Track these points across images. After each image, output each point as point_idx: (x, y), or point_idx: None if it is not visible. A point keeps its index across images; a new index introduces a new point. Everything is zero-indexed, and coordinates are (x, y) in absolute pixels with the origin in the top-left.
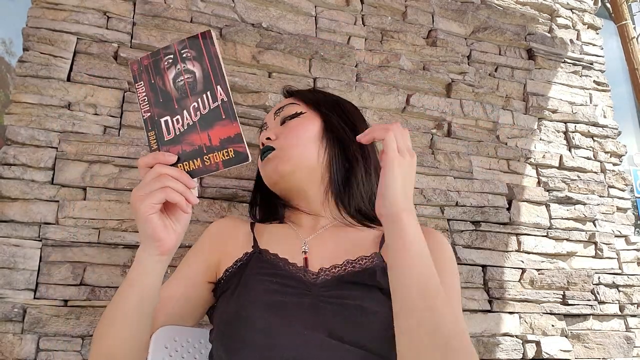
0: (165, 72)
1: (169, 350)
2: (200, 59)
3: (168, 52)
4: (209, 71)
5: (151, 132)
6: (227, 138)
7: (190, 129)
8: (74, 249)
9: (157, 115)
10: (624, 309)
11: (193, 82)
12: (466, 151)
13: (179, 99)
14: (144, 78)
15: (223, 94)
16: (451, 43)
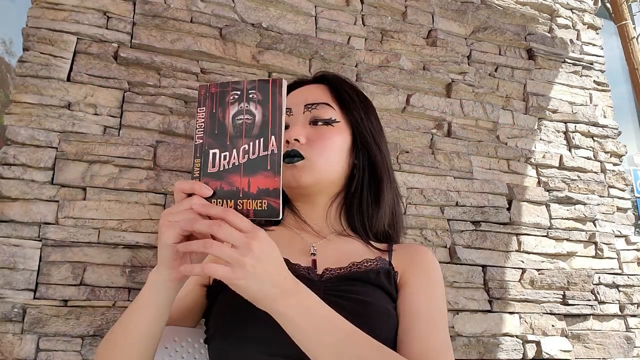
0: (228, 106)
1: (169, 350)
2: (264, 104)
3: (237, 87)
4: (269, 118)
5: (198, 159)
6: (265, 189)
7: (235, 169)
8: (74, 249)
9: (208, 145)
10: (624, 309)
11: (251, 124)
12: (466, 151)
13: (232, 137)
14: (207, 104)
15: (275, 145)
16: (451, 43)
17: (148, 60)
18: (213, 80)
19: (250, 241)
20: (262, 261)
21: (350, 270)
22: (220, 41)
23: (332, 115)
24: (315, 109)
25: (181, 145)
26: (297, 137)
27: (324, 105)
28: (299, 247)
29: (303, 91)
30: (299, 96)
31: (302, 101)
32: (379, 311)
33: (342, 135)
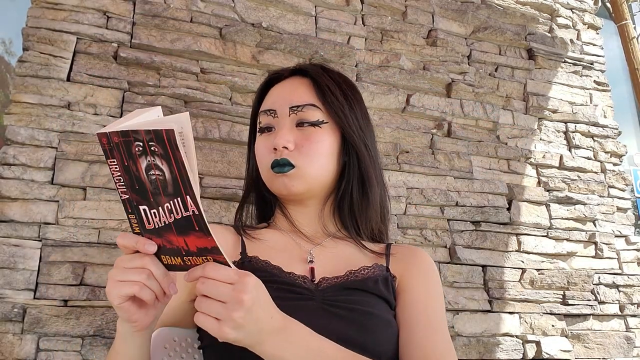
0: (137, 159)
1: (168, 350)
2: (168, 160)
3: (137, 137)
4: (177, 178)
5: (132, 215)
6: (204, 248)
7: (167, 227)
8: (74, 249)
9: (136, 201)
10: (624, 309)
11: (164, 180)
12: (466, 151)
13: (153, 194)
14: (117, 156)
15: (193, 206)
16: (451, 43)
17: (148, 60)
18: (212, 81)
19: (240, 295)
20: (252, 311)
21: (347, 279)
22: (220, 41)
23: (319, 116)
24: (301, 111)
25: None
26: (285, 145)
27: (310, 107)
28: (294, 253)
29: (286, 88)
30: (282, 95)
31: (287, 102)
32: (379, 320)
33: (331, 136)
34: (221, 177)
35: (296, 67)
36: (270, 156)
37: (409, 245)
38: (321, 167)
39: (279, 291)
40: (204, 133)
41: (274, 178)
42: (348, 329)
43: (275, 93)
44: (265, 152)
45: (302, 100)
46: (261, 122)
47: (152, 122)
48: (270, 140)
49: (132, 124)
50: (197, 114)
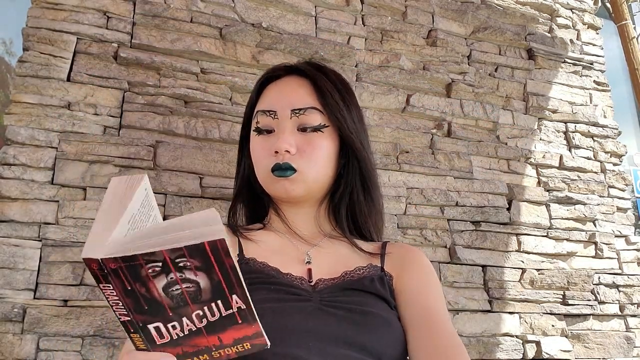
0: (150, 280)
1: None
2: (208, 270)
3: (152, 259)
4: (221, 282)
5: (135, 334)
6: (243, 337)
7: (194, 333)
8: (74, 249)
9: (142, 321)
10: (624, 309)
11: (196, 291)
12: (466, 151)
13: (174, 307)
14: (114, 282)
15: (240, 302)
16: (451, 43)
17: (148, 60)
18: (212, 81)
19: None
20: None
21: (344, 280)
22: (220, 41)
23: (321, 120)
24: (303, 115)
25: (181, 145)
26: (288, 149)
27: (311, 110)
28: (291, 255)
29: (285, 88)
30: (282, 96)
31: (288, 104)
32: (377, 319)
33: (331, 140)
34: (221, 177)
35: (293, 66)
36: (270, 159)
37: (404, 244)
38: (321, 170)
39: (277, 292)
40: (204, 133)
41: (273, 181)
42: (346, 330)
43: (274, 93)
44: (264, 154)
45: (304, 103)
46: (259, 123)
47: (183, 237)
48: (269, 142)
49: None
50: (197, 113)
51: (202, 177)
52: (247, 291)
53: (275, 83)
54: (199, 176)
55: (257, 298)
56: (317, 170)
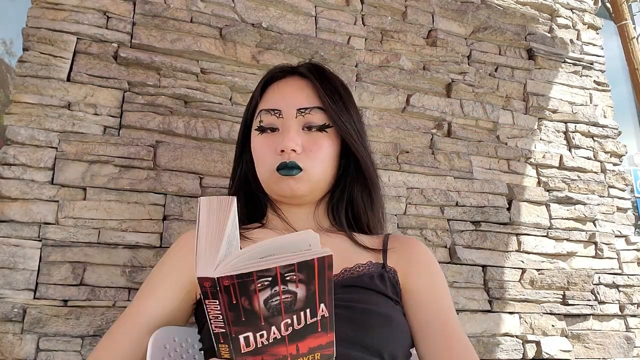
0: (255, 294)
1: (169, 350)
2: (309, 282)
3: (265, 274)
4: (316, 292)
5: (223, 345)
6: (317, 346)
7: (277, 341)
8: (74, 249)
9: (236, 332)
10: (624, 309)
11: (291, 301)
12: (466, 151)
13: (268, 317)
14: (222, 298)
15: (325, 310)
16: (451, 43)
17: (148, 60)
18: (212, 81)
19: None
20: None
21: (343, 277)
22: (220, 41)
23: (325, 120)
24: (308, 114)
25: (181, 145)
26: (294, 148)
27: (316, 110)
28: None
29: (290, 88)
30: (288, 96)
31: (293, 103)
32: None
33: (333, 140)
34: (221, 177)
35: (296, 67)
36: (275, 157)
37: (405, 237)
38: (324, 170)
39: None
40: (204, 133)
41: (279, 179)
42: (347, 328)
43: (278, 92)
44: (269, 153)
45: (309, 102)
46: (263, 121)
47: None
48: (274, 140)
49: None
50: (197, 113)
51: (202, 177)
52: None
53: (279, 83)
54: (199, 176)
55: None
56: (321, 169)
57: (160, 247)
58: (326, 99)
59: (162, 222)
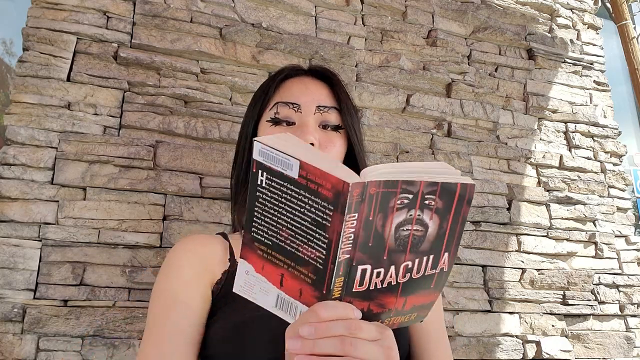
0: (392, 213)
1: None
2: (444, 215)
3: (409, 189)
4: (446, 233)
5: (340, 278)
6: (420, 305)
7: (390, 288)
8: (74, 249)
9: (357, 260)
10: (624, 309)
11: (421, 237)
12: (466, 151)
13: (392, 250)
14: (362, 209)
15: (447, 264)
16: (451, 43)
17: (148, 60)
18: (212, 81)
19: (390, 352)
20: None
21: None
22: (220, 41)
23: (339, 121)
24: (326, 112)
25: (181, 145)
26: (313, 142)
27: (334, 110)
28: None
29: (309, 86)
30: (307, 92)
31: (313, 101)
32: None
33: (343, 142)
34: (221, 177)
35: (310, 69)
36: None
37: None
38: None
39: None
40: (204, 133)
41: None
42: None
43: (297, 88)
44: None
45: (329, 102)
46: (279, 113)
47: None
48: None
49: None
50: (197, 113)
51: (202, 177)
52: (456, 252)
53: (294, 80)
54: (199, 176)
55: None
56: None
57: (160, 247)
58: (340, 102)
59: (162, 222)
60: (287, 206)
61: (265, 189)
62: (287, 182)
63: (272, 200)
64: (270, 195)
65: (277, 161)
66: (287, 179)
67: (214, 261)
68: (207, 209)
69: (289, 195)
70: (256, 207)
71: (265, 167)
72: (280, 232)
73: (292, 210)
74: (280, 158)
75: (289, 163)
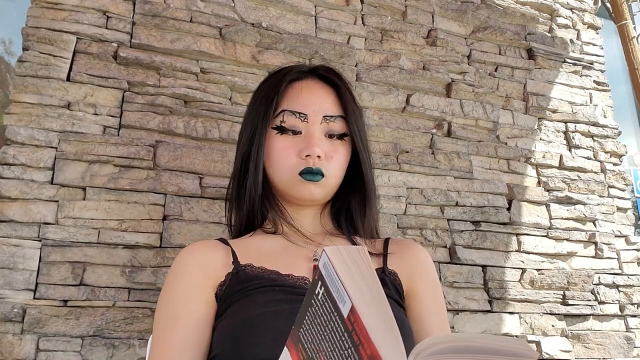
0: None
1: None
2: None
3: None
4: None
5: None
6: None
7: None
8: (74, 249)
9: None
10: (624, 309)
11: None
12: (466, 151)
13: None
14: None
15: None
16: (451, 43)
17: (148, 60)
18: (212, 81)
19: None
20: None
21: None
22: (220, 41)
23: (345, 129)
24: (332, 122)
25: (181, 145)
26: (320, 154)
27: (340, 119)
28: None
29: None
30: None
31: (320, 110)
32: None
33: (348, 149)
34: (221, 177)
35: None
36: (299, 161)
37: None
38: (340, 177)
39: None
40: (203, 133)
41: (301, 183)
42: None
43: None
44: (291, 155)
45: (335, 110)
46: (285, 122)
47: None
48: (296, 143)
49: None
50: (197, 113)
51: (202, 177)
52: None
53: (301, 84)
54: (199, 176)
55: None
56: (339, 176)
57: (160, 247)
58: (346, 108)
59: (162, 222)
60: (331, 335)
61: (319, 302)
62: (337, 314)
63: (321, 317)
64: (321, 312)
65: (335, 287)
66: (337, 311)
67: (217, 265)
68: (207, 209)
69: (335, 326)
70: (308, 312)
71: (325, 285)
72: (320, 355)
73: (334, 343)
74: (338, 286)
75: (344, 298)
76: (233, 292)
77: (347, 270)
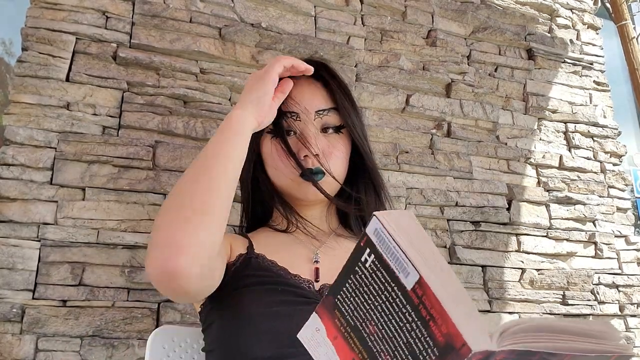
0: None
1: (167, 351)
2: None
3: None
4: None
5: None
6: None
7: None
8: (73, 249)
9: None
10: (624, 309)
11: None
12: (466, 151)
13: None
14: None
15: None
16: (451, 43)
17: (147, 60)
18: (212, 81)
19: None
20: None
21: None
22: (220, 41)
23: (340, 121)
24: (326, 116)
25: (180, 145)
26: (317, 153)
27: (333, 111)
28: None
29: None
30: (304, 98)
31: (312, 106)
32: None
33: (346, 141)
34: None
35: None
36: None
37: None
38: (341, 172)
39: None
40: (203, 133)
41: (302, 184)
42: None
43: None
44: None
45: (326, 104)
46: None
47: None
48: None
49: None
50: (196, 114)
51: None
52: None
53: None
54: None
55: (268, 300)
56: (340, 171)
57: None
58: (341, 100)
59: None
60: (385, 306)
61: (367, 270)
62: (395, 285)
63: (370, 286)
64: (370, 281)
65: (393, 256)
66: (397, 282)
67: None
68: None
69: (392, 298)
70: (350, 280)
71: (377, 253)
72: (367, 324)
73: (389, 315)
74: (398, 256)
75: (406, 269)
76: (239, 277)
77: (407, 237)
